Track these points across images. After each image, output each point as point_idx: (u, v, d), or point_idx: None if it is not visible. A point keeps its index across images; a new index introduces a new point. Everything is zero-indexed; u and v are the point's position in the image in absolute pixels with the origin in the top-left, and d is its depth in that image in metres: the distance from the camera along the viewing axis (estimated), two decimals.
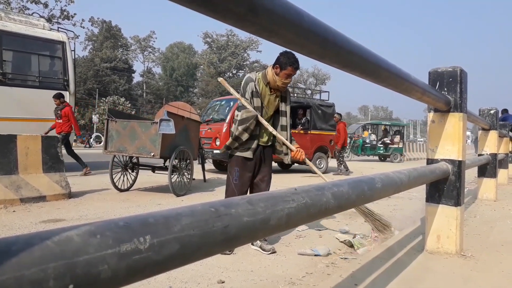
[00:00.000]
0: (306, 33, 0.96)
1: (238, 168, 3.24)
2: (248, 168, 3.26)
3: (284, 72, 3.05)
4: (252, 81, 3.18)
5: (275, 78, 3.11)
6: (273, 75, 3.11)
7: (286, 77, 3.08)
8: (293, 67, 3.04)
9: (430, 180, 2.47)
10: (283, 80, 3.09)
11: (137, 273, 0.61)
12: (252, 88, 3.17)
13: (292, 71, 3.06)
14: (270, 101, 3.25)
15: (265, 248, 3.21)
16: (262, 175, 3.34)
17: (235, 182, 3.24)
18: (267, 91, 3.21)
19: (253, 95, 3.16)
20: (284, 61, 3.03)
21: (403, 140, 21.51)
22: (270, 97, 3.23)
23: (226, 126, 9.43)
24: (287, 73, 3.06)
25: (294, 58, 3.05)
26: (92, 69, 52.07)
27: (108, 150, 6.04)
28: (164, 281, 2.46)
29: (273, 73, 3.11)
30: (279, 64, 3.06)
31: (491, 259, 2.72)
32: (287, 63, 3.02)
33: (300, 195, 1.06)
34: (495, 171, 5.55)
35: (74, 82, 9.29)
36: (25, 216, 4.29)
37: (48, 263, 0.49)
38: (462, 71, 2.74)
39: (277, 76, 3.09)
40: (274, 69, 3.10)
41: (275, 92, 3.24)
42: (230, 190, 3.28)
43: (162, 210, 0.71)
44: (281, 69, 3.06)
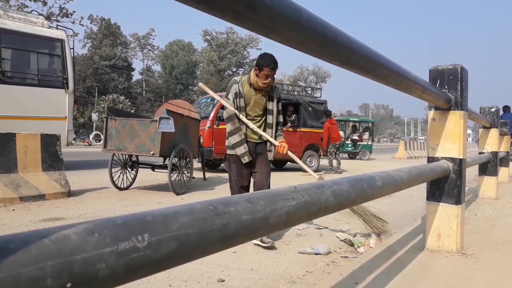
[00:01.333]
0: (305, 30, 0.95)
1: (235, 165, 3.48)
2: (244, 164, 3.44)
3: (262, 73, 3.23)
4: (236, 83, 3.41)
5: (256, 79, 3.30)
6: (254, 76, 3.31)
7: (265, 77, 3.25)
8: (269, 68, 3.21)
9: (430, 178, 2.47)
10: (263, 81, 3.27)
11: (135, 272, 0.61)
12: (235, 90, 3.38)
13: (269, 71, 3.22)
14: (256, 101, 3.43)
15: (265, 240, 3.27)
16: (259, 169, 3.49)
17: (235, 178, 3.50)
18: (251, 92, 3.41)
19: (236, 96, 3.38)
20: (261, 62, 3.23)
21: (372, 137, 21.06)
22: (256, 97, 3.42)
23: (209, 123, 9.30)
24: (265, 73, 3.23)
25: (271, 59, 3.23)
26: (91, 67, 52.00)
27: (107, 148, 6.04)
28: (164, 280, 2.45)
29: (254, 75, 3.32)
30: (257, 66, 3.26)
31: (491, 257, 2.72)
32: (263, 64, 3.21)
33: (300, 194, 1.06)
34: (496, 169, 5.54)
35: (73, 80, 9.25)
36: (24, 214, 4.28)
37: (45, 262, 0.49)
38: (463, 69, 2.74)
39: (257, 77, 3.28)
40: (255, 71, 3.30)
41: (260, 92, 3.41)
42: (232, 187, 3.56)
43: (160, 208, 0.71)
44: (259, 71, 3.25)
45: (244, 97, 3.39)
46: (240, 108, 3.38)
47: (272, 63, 3.22)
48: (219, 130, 9.32)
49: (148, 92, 62.33)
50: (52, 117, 8.30)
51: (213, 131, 9.28)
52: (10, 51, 8.55)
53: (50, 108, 8.28)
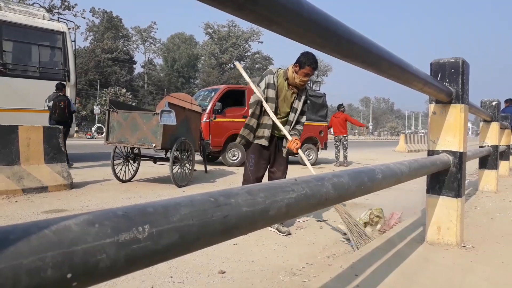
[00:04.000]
0: (306, 22, 0.95)
1: (254, 156, 3.54)
2: (264, 156, 3.54)
3: (303, 71, 3.28)
4: (272, 74, 3.44)
5: (294, 76, 3.34)
6: (293, 72, 3.34)
7: (304, 75, 3.30)
8: (311, 67, 3.26)
9: (431, 171, 2.47)
10: (301, 78, 3.32)
11: (136, 263, 0.61)
12: (269, 80, 3.41)
13: (310, 70, 3.28)
14: (286, 96, 3.48)
15: (281, 230, 3.46)
16: (278, 165, 3.61)
17: (251, 168, 3.55)
18: (284, 86, 3.45)
19: (268, 86, 3.41)
20: (303, 60, 3.25)
21: None
22: (287, 92, 3.47)
23: (206, 116, 9.29)
24: (305, 72, 3.28)
25: (314, 59, 3.27)
26: (93, 60, 51.91)
27: (109, 141, 6.05)
28: (165, 271, 2.47)
29: (293, 70, 3.34)
30: (298, 63, 3.29)
31: (491, 250, 2.73)
32: (306, 62, 3.24)
33: (300, 186, 1.06)
34: (496, 163, 5.54)
35: (75, 73, 9.24)
36: (27, 206, 4.30)
37: (45, 252, 0.49)
38: (464, 62, 2.72)
39: (296, 74, 3.32)
40: (294, 67, 3.33)
41: (292, 88, 3.46)
42: (246, 175, 3.59)
43: (161, 200, 0.71)
44: (300, 68, 3.28)
45: (277, 89, 3.43)
46: (269, 99, 3.41)
47: (314, 63, 3.26)
48: (216, 123, 9.33)
49: (150, 85, 62.26)
50: None
51: (210, 123, 9.29)
52: (11, 43, 8.54)
53: None
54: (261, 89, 3.42)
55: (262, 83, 3.45)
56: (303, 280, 2.37)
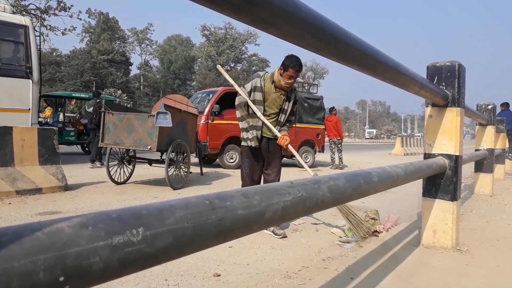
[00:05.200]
0: (303, 25, 0.95)
1: (248, 159, 3.64)
2: (257, 158, 3.63)
3: (287, 73, 3.34)
4: (259, 77, 3.52)
5: (279, 78, 3.41)
6: (278, 75, 3.42)
7: (289, 78, 3.36)
8: (294, 69, 3.32)
9: (427, 174, 2.47)
10: (286, 80, 3.38)
11: (130, 266, 0.60)
12: (256, 83, 3.50)
13: (294, 73, 3.34)
14: (274, 99, 3.54)
15: (277, 232, 3.48)
16: (271, 167, 3.66)
17: (246, 171, 3.65)
18: (272, 89, 3.51)
19: (255, 89, 3.49)
20: (287, 63, 3.33)
21: None
22: (275, 95, 3.52)
23: (204, 118, 9.26)
24: (289, 74, 3.34)
25: (297, 62, 3.33)
26: (89, 61, 51.74)
27: (104, 142, 6.02)
28: (160, 274, 2.45)
29: (278, 73, 3.42)
30: (283, 66, 3.37)
31: (486, 254, 2.73)
32: (289, 65, 3.31)
33: (296, 189, 1.06)
34: (492, 166, 5.56)
35: (39, 70, 8.49)
36: (21, 208, 4.27)
37: (38, 255, 0.49)
38: (461, 65, 2.74)
39: (281, 76, 3.39)
40: (279, 70, 3.41)
41: (280, 91, 3.51)
42: (244, 179, 3.69)
43: (156, 202, 0.71)
44: (284, 71, 3.36)
45: (264, 92, 3.51)
46: (257, 102, 3.49)
47: (298, 65, 3.33)
48: (213, 125, 9.31)
49: (146, 87, 62.10)
50: (14, 109, 7.70)
51: (208, 126, 9.27)
52: None
53: (12, 99, 7.67)
54: (246, 90, 3.52)
55: (248, 85, 3.55)
56: (298, 283, 2.36)
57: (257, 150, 3.60)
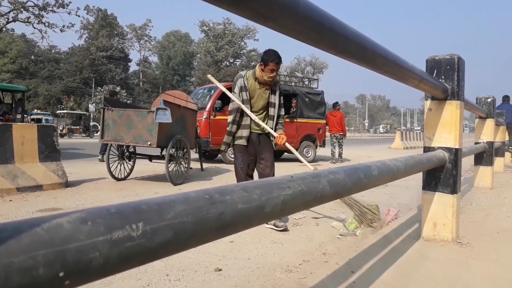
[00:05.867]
0: (301, 19, 0.94)
1: (241, 154, 3.71)
2: (250, 152, 3.71)
3: (268, 67, 3.43)
4: (242, 77, 3.64)
5: (261, 74, 3.50)
6: (260, 71, 3.51)
7: (271, 71, 3.45)
8: (274, 62, 3.41)
9: (426, 168, 2.47)
10: (268, 75, 3.47)
11: (130, 261, 0.60)
12: (241, 84, 3.60)
13: (274, 65, 3.43)
14: (260, 94, 3.65)
15: (278, 225, 3.53)
16: (264, 160, 3.74)
17: (240, 166, 3.73)
18: (256, 86, 3.62)
19: (241, 90, 3.60)
20: (266, 58, 3.42)
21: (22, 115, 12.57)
22: (260, 90, 3.63)
23: (206, 114, 9.25)
24: (270, 68, 3.43)
25: (275, 55, 3.43)
26: (88, 58, 51.65)
27: (104, 139, 6.02)
28: (161, 269, 2.46)
29: (259, 69, 3.51)
30: (263, 62, 3.47)
31: (486, 246, 2.74)
32: (268, 59, 3.41)
33: (296, 182, 1.06)
34: (492, 159, 5.56)
35: None
36: (21, 205, 4.28)
37: (37, 251, 0.48)
38: (460, 59, 2.73)
39: (263, 72, 3.48)
40: (260, 66, 3.51)
41: (264, 86, 3.62)
42: (238, 174, 3.76)
43: (156, 197, 0.71)
44: (265, 66, 3.45)
45: (249, 91, 3.60)
46: (244, 101, 3.59)
47: (276, 58, 3.42)
48: (216, 121, 9.29)
49: (145, 83, 62.04)
50: None
51: (210, 122, 9.25)
52: None
53: None
54: (236, 94, 3.62)
55: (236, 89, 3.64)
56: (299, 277, 2.37)
57: (249, 145, 3.70)
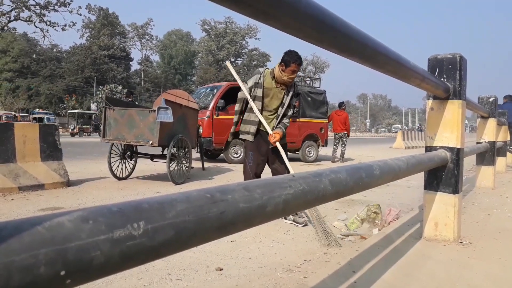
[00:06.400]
0: (303, 16, 0.94)
1: (252, 152, 3.73)
2: (261, 152, 3.74)
3: (289, 68, 3.47)
4: (259, 74, 3.66)
5: (281, 74, 3.53)
6: (279, 71, 3.53)
7: (291, 73, 3.49)
8: (296, 64, 3.45)
9: (428, 167, 2.47)
10: (288, 76, 3.51)
11: (131, 260, 0.60)
12: (256, 79, 3.63)
13: (296, 67, 3.46)
14: (275, 94, 3.67)
15: (299, 221, 3.63)
16: (278, 160, 3.71)
17: (250, 164, 3.75)
18: (273, 85, 3.64)
19: (256, 85, 3.62)
20: (288, 59, 3.44)
21: None
22: (276, 90, 3.66)
23: (208, 113, 9.24)
24: (292, 69, 3.47)
25: (297, 56, 3.46)
26: (89, 57, 51.70)
27: (106, 138, 6.02)
28: (163, 269, 2.46)
29: (279, 70, 3.53)
30: (284, 62, 3.48)
31: (488, 246, 2.73)
32: (290, 60, 3.43)
33: (298, 182, 1.06)
34: (493, 159, 5.55)
35: None
36: (23, 204, 4.28)
37: (38, 249, 0.48)
38: (462, 58, 2.72)
39: (283, 72, 3.51)
40: (280, 66, 3.52)
41: (280, 86, 3.64)
42: (246, 172, 3.78)
43: (157, 196, 0.70)
44: (286, 66, 3.47)
45: (264, 89, 3.63)
46: (257, 97, 3.61)
47: (298, 59, 3.46)
48: (218, 120, 9.28)
49: (147, 82, 62.08)
50: None
51: (213, 121, 9.24)
52: None
53: None
54: (248, 86, 3.65)
55: (249, 81, 3.68)
56: (301, 277, 2.36)
57: (262, 144, 3.71)
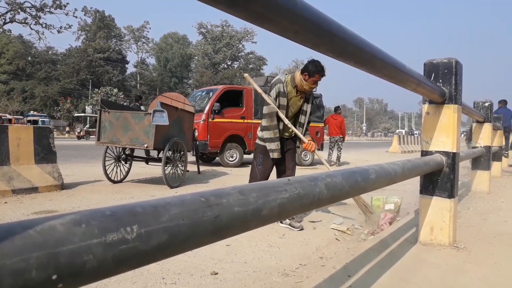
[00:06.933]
0: (299, 20, 0.94)
1: (262, 155, 3.72)
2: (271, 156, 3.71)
3: (313, 79, 3.49)
4: (281, 83, 3.62)
5: (302, 83, 3.53)
6: (301, 80, 3.52)
7: (314, 82, 3.52)
8: (320, 75, 3.48)
9: (424, 171, 2.47)
10: (310, 85, 3.53)
11: (124, 264, 0.59)
12: (279, 89, 3.59)
13: (319, 78, 3.50)
14: (294, 101, 3.69)
15: (294, 225, 3.65)
16: (288, 163, 3.79)
17: (259, 167, 3.75)
18: (293, 92, 3.65)
19: (279, 95, 3.59)
20: (312, 69, 3.46)
21: None
22: (296, 98, 3.67)
23: (204, 116, 9.25)
24: (315, 79, 3.50)
25: (321, 67, 3.50)
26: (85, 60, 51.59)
27: (101, 141, 5.99)
28: (157, 273, 2.45)
29: (301, 78, 3.53)
30: (307, 72, 3.48)
31: (483, 250, 2.74)
32: (315, 71, 3.45)
33: (293, 186, 1.05)
34: (489, 163, 5.57)
35: None
36: (17, 207, 4.25)
37: (30, 253, 0.48)
38: (458, 62, 2.73)
39: (305, 81, 3.51)
40: (303, 75, 3.52)
41: (300, 93, 3.66)
42: (254, 174, 3.78)
43: (151, 200, 0.70)
44: (309, 76, 3.48)
45: (287, 97, 3.62)
46: (281, 106, 3.60)
47: (323, 70, 3.49)
48: (214, 123, 9.28)
49: (143, 85, 61.98)
50: None
51: (208, 124, 9.24)
52: None
53: None
54: (272, 98, 3.59)
55: (272, 92, 3.62)
56: (296, 281, 2.36)
57: None
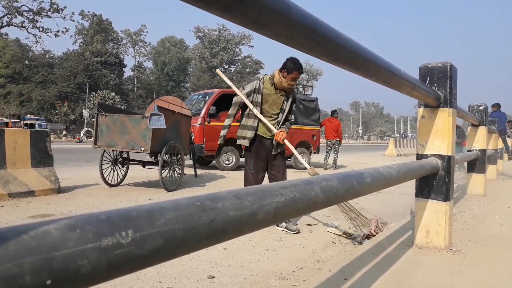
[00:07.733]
0: (294, 25, 0.95)
1: (253, 159, 3.75)
2: (261, 158, 3.76)
3: (291, 75, 3.50)
4: (258, 80, 3.66)
5: (281, 80, 3.55)
6: (280, 77, 3.55)
7: (292, 79, 3.53)
8: (298, 71, 3.49)
9: (419, 175, 2.48)
10: (289, 82, 3.54)
11: (119, 268, 0.59)
12: (256, 86, 3.63)
13: (297, 75, 3.51)
14: (274, 100, 3.69)
15: (291, 228, 3.66)
16: (277, 167, 3.79)
17: (251, 171, 3.76)
18: (272, 91, 3.65)
19: (255, 91, 3.63)
20: (290, 66, 3.47)
21: None
22: (275, 96, 3.67)
23: (200, 120, 9.26)
24: (293, 76, 3.50)
25: (299, 64, 3.50)
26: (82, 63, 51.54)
27: (98, 145, 5.98)
28: (154, 277, 2.44)
29: (280, 76, 3.55)
30: (286, 69, 3.51)
31: (479, 253, 2.74)
32: (293, 68, 3.46)
33: (289, 189, 1.05)
34: (484, 166, 5.59)
35: None
36: (13, 211, 4.23)
37: (23, 258, 0.48)
38: (452, 66, 2.75)
39: (284, 78, 3.53)
40: (282, 72, 3.54)
41: (279, 91, 3.67)
42: (248, 179, 3.80)
43: (146, 204, 0.70)
44: (288, 73, 3.50)
45: (263, 95, 3.64)
46: (255, 103, 3.63)
47: (300, 67, 3.50)
48: (210, 127, 9.28)
49: (140, 89, 61.93)
50: None
51: (205, 127, 9.24)
52: None
53: None
54: (245, 91, 3.64)
55: (248, 86, 3.67)
56: (292, 284, 2.36)
57: (260, 150, 3.73)
